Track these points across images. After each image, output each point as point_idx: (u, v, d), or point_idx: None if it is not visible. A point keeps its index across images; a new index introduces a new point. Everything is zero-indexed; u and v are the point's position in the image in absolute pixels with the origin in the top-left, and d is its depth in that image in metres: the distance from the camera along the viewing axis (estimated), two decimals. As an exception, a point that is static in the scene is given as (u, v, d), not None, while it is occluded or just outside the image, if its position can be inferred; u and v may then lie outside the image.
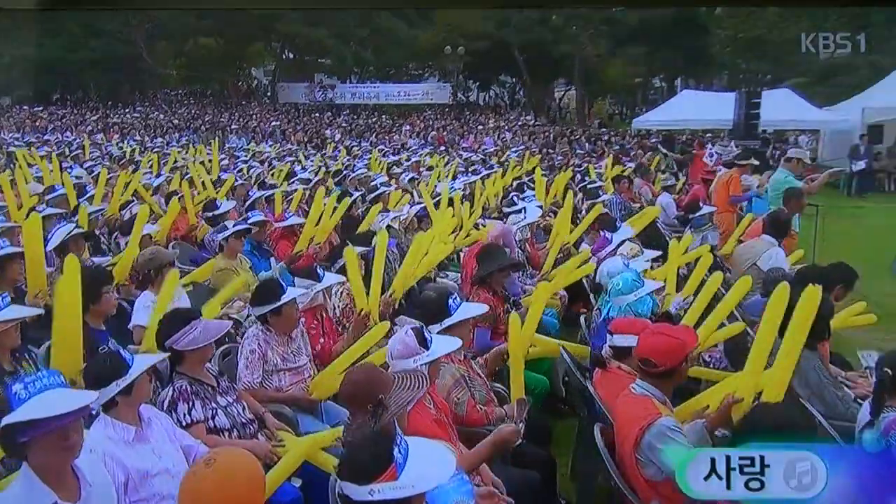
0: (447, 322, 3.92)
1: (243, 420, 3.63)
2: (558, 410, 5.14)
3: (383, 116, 33.90)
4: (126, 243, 6.69)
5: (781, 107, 22.42)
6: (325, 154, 19.44)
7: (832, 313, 4.28)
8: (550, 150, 22.20)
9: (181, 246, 7.20)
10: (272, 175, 12.90)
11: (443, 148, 23.01)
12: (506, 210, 7.90)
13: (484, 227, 7.59)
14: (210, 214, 7.69)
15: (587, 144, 24.49)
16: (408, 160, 15.74)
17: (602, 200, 8.68)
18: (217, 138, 21.24)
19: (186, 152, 18.13)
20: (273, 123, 27.52)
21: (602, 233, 6.28)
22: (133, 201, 8.60)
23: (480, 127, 30.62)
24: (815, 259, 7.93)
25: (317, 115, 33.08)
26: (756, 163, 9.53)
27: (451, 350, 3.46)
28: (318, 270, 4.63)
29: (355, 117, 33.50)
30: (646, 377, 3.13)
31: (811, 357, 4.01)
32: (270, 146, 20.49)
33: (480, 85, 42.10)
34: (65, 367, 3.72)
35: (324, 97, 36.50)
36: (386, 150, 21.54)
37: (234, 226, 6.00)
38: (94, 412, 2.98)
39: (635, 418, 3.06)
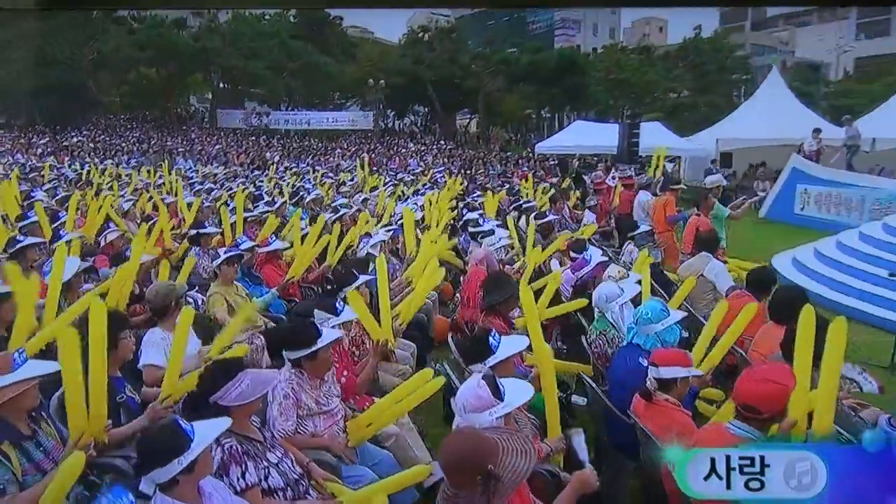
0: (492, 360, 3.28)
1: (295, 476, 2.80)
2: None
3: (314, 140, 32.86)
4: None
5: (653, 136, 22.83)
6: (267, 175, 18.29)
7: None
8: (468, 171, 21.89)
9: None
10: (230, 197, 11.86)
11: (375, 169, 22.29)
12: (472, 230, 7.30)
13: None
14: (195, 232, 6.75)
15: (498, 166, 24.37)
16: (351, 180, 14.87)
17: (549, 220, 8.26)
18: (166, 161, 19.65)
19: (140, 174, 16.55)
20: (216, 147, 25.90)
21: (582, 254, 5.84)
22: (108, 226, 7.48)
23: (403, 150, 30.06)
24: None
25: (253, 138, 31.66)
26: (685, 187, 9.40)
27: (526, 398, 2.82)
28: (337, 304, 3.89)
29: (288, 141, 32.29)
30: (747, 420, 2.59)
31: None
32: (218, 168, 19.10)
33: (397, 113, 41.67)
34: (92, 424, 2.88)
35: (259, 122, 35.14)
36: (323, 170, 20.67)
37: (225, 252, 5.14)
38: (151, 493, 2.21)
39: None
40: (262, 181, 15.30)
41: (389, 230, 6.60)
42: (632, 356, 3.68)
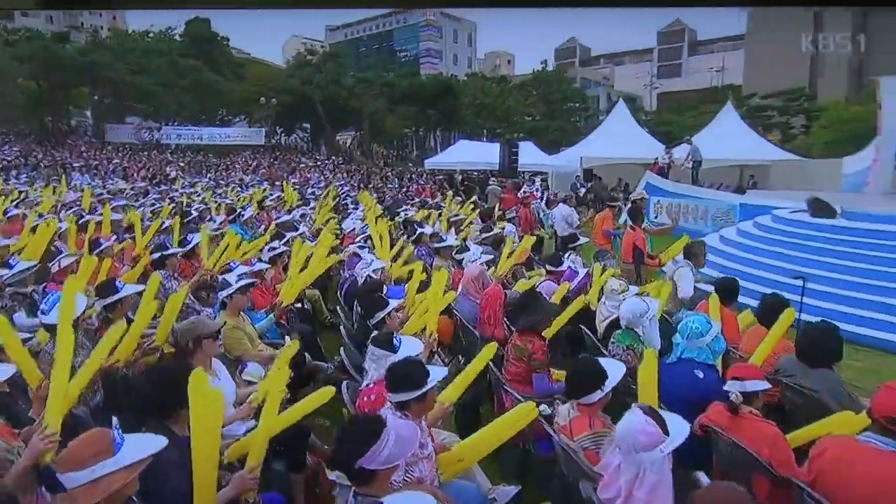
0: (609, 387, 2.81)
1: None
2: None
3: (209, 155, 30.28)
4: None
5: (527, 154, 23.44)
6: (173, 189, 16.38)
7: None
8: (368, 186, 21.13)
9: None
10: (153, 214, 10.39)
11: (277, 183, 20.82)
12: (435, 245, 6.82)
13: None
14: (158, 255, 5.64)
15: (396, 181, 23.78)
16: (271, 196, 13.63)
17: (496, 233, 7.96)
18: (63, 176, 16.87)
19: (37, 191, 14.03)
20: (114, 162, 22.90)
21: (559, 267, 5.59)
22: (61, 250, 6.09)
23: (303, 165, 28.51)
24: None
25: (146, 153, 28.54)
26: (622, 205, 9.51)
27: (687, 430, 2.41)
28: (395, 340, 3.30)
29: (182, 155, 29.50)
30: (887, 433, 2.39)
31: (833, 376, 3.62)
32: (121, 183, 16.74)
33: (285, 130, 39.78)
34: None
35: (150, 137, 31.83)
36: (230, 184, 19.01)
37: (237, 281, 4.27)
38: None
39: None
40: (176, 196, 13.61)
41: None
42: (686, 371, 3.44)
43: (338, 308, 5.17)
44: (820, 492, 2.47)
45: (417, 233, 7.65)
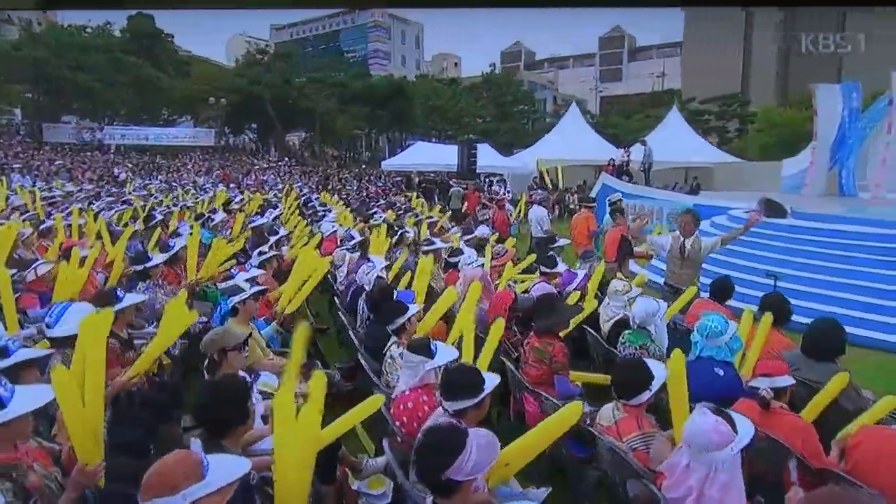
0: (655, 387, 2.86)
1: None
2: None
3: (157, 156, 28.95)
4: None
5: (484, 156, 23.65)
6: (123, 192, 15.55)
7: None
8: (328, 188, 20.74)
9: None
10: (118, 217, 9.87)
11: (232, 185, 20.18)
12: (426, 248, 6.76)
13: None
14: (142, 267, 5.32)
15: (356, 183, 23.44)
16: (237, 199, 13.13)
17: (476, 235, 7.97)
18: (4, 178, 15.74)
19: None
20: (57, 163, 21.51)
21: (553, 268, 5.65)
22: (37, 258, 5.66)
23: (256, 166, 27.70)
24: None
25: (88, 154, 26.98)
26: (593, 205, 9.64)
27: (752, 430, 2.40)
28: (432, 346, 3.27)
29: (127, 157, 28.07)
30: None
31: (838, 369, 3.79)
32: (69, 185, 15.74)
33: (232, 131, 38.55)
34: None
35: (91, 137, 30.17)
36: (184, 186, 18.25)
37: (251, 288, 4.09)
38: None
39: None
40: (131, 199, 12.94)
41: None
42: (706, 369, 3.53)
43: (339, 313, 5.04)
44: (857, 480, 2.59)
45: (399, 234, 7.58)
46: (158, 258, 5.51)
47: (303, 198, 15.53)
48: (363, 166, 32.71)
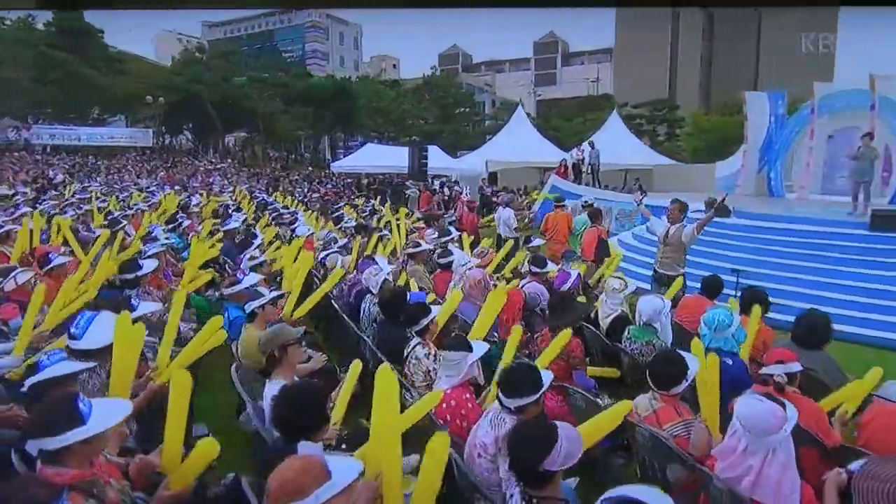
0: (690, 377, 3.01)
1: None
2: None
3: (90, 157, 27.26)
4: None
5: (433, 158, 23.75)
6: (67, 195, 14.49)
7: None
8: (279, 190, 20.19)
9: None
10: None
11: (178, 187, 19.28)
12: (411, 250, 6.77)
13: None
14: (134, 275, 5.04)
15: (306, 184, 22.94)
16: (196, 203, 12.57)
17: (454, 237, 8.05)
18: None
19: None
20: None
21: (543, 268, 5.80)
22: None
23: (202, 168, 26.62)
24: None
25: (16, 154, 25.07)
26: (565, 205, 9.87)
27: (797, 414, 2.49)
28: (473, 344, 3.33)
29: (55, 158, 26.30)
30: None
31: (826, 356, 4.10)
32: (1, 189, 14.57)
33: (169, 131, 36.91)
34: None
35: (17, 137, 28.14)
36: (128, 189, 17.30)
37: (270, 293, 3.98)
38: None
39: None
40: (73, 202, 12.17)
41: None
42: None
43: (342, 314, 5.01)
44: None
45: (379, 237, 7.57)
46: (149, 265, 5.30)
47: (256, 200, 15.17)
48: (309, 168, 32.08)
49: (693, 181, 22.53)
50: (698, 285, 5.56)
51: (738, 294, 6.75)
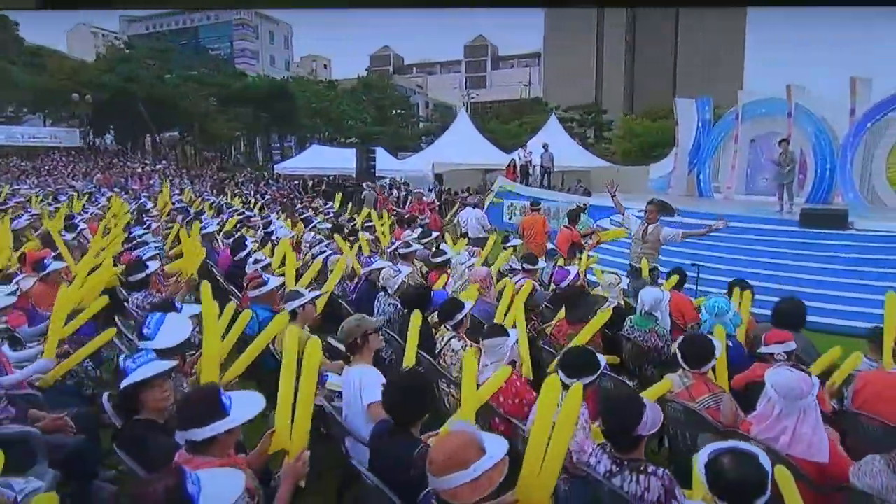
0: (716, 356, 3.47)
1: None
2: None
3: (14, 158, 25.28)
4: None
5: (380, 159, 23.81)
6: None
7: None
8: (221, 191, 19.57)
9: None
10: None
11: (117, 189, 18.34)
12: (403, 251, 6.94)
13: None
14: (144, 275, 4.96)
15: (252, 186, 22.35)
16: (154, 206, 12.04)
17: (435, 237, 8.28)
18: None
19: None
20: None
21: (536, 266, 6.15)
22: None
23: (140, 170, 25.30)
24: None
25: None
26: (539, 207, 10.23)
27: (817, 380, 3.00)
28: (510, 332, 3.55)
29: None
30: None
31: (803, 337, 4.65)
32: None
33: (95, 130, 34.83)
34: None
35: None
36: (63, 192, 16.28)
37: (309, 293, 4.08)
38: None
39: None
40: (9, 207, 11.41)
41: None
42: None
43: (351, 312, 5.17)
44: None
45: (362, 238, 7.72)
46: (154, 265, 5.27)
47: (209, 203, 14.79)
48: (248, 169, 31.20)
49: (628, 182, 23.70)
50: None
51: (696, 286, 7.46)
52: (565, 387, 3.06)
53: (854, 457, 2.79)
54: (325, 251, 6.79)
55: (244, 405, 2.26)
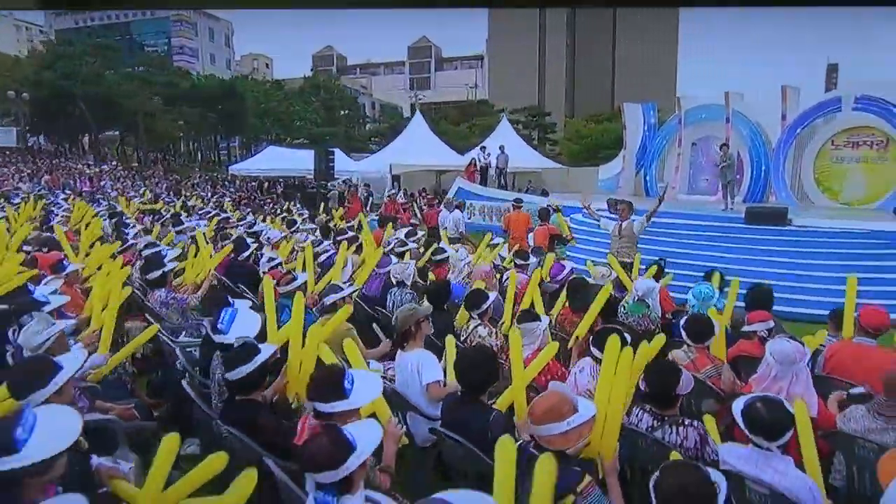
0: (716, 332, 4.09)
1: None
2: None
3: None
4: None
5: (337, 160, 23.83)
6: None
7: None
8: (177, 193, 19.08)
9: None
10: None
11: (68, 191, 17.56)
12: (399, 249, 7.28)
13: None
14: (160, 272, 5.10)
15: (209, 188, 21.86)
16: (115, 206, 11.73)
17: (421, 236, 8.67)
18: None
19: None
20: None
21: (528, 261, 6.65)
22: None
23: (88, 171, 24.18)
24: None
25: None
26: (521, 206, 10.69)
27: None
28: (542, 319, 4.04)
29: None
30: (871, 336, 4.00)
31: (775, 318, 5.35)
32: None
33: (30, 130, 32.97)
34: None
35: None
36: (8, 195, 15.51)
37: (348, 287, 4.36)
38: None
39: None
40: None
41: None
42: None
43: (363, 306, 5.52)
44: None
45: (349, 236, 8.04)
46: (171, 263, 5.45)
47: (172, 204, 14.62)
48: (198, 170, 30.43)
49: (578, 183, 24.79)
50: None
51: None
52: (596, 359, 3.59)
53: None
54: (328, 250, 7.07)
55: (364, 389, 2.62)
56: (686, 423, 2.96)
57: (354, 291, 4.64)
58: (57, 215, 10.11)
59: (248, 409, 2.90)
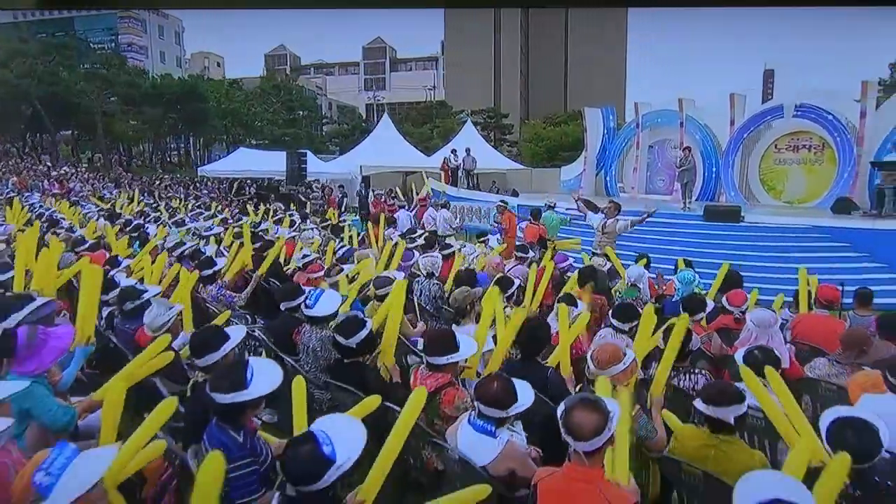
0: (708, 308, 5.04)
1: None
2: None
3: None
4: None
5: (308, 162, 24.17)
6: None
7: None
8: (151, 194, 19.05)
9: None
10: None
11: (38, 193, 17.29)
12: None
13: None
14: (211, 271, 5.62)
15: (182, 190, 21.74)
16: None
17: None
18: None
19: None
20: None
21: (527, 253, 7.47)
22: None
23: (55, 173, 23.55)
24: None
25: None
26: (506, 203, 11.42)
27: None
28: (578, 305, 4.89)
29: None
30: (827, 308, 5.05)
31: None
32: None
33: (-21, 130, 31.76)
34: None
35: None
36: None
37: (398, 275, 5.03)
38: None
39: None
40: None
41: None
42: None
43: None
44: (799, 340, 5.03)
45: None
46: (221, 261, 6.01)
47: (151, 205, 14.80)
48: (160, 171, 30.02)
49: (540, 183, 25.90)
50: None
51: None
52: (619, 330, 4.44)
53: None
54: (345, 246, 7.72)
55: (467, 347, 3.36)
56: (695, 370, 3.84)
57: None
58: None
59: (357, 369, 3.59)
